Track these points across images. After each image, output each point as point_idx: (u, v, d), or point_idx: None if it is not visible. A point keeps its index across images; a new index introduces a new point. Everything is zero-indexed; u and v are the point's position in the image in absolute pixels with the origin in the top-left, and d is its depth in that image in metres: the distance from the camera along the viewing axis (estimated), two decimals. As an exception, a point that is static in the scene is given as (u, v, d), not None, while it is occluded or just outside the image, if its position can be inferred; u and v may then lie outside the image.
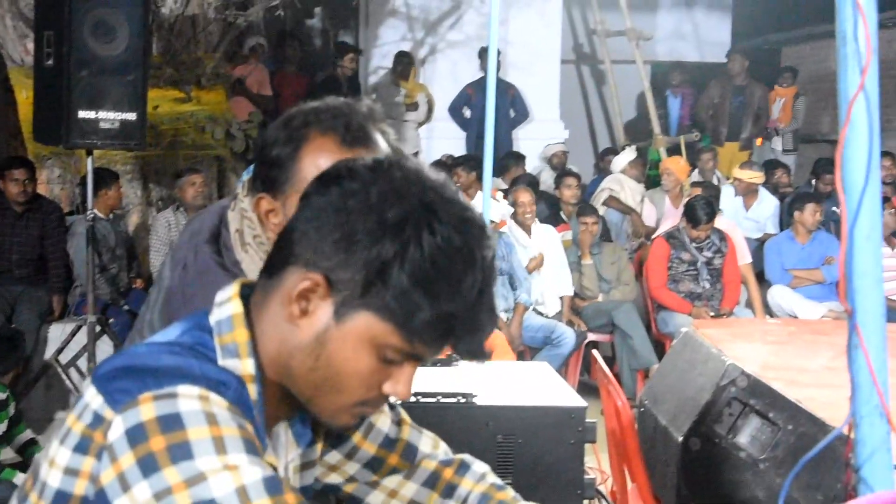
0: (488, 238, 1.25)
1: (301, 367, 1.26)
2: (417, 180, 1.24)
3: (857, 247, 1.66)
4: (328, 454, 1.54)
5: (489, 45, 5.69)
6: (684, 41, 12.74)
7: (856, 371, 1.67)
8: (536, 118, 10.43)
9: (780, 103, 11.53)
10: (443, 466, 1.60)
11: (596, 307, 7.24)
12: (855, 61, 1.62)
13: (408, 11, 10.35)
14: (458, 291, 1.20)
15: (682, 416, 3.42)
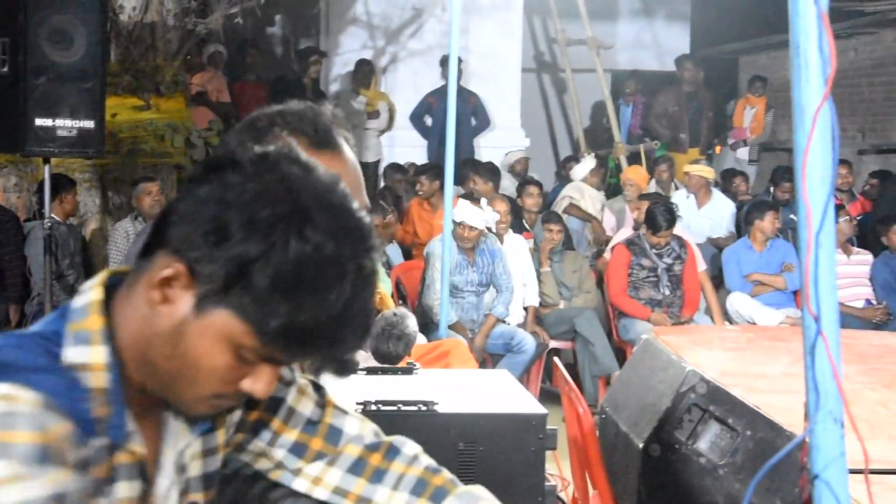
0: (368, 251, 1.22)
1: (158, 355, 1.23)
2: (302, 182, 1.20)
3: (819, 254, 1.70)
4: (250, 443, 1.51)
5: (450, 53, 5.73)
6: (644, 50, 12.83)
7: (815, 377, 1.69)
8: (498, 126, 10.45)
9: (752, 113, 11.60)
10: (369, 451, 1.56)
11: (558, 314, 7.26)
12: (814, 72, 1.65)
13: (369, 20, 10.33)
14: (320, 302, 1.17)
15: (643, 422, 3.43)
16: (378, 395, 2.96)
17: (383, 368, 3.58)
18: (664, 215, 7.13)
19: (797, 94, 1.67)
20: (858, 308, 7.32)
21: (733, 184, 9.72)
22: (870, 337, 5.61)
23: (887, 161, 10.73)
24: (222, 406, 1.29)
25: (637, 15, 12.95)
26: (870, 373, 4.44)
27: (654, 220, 7.13)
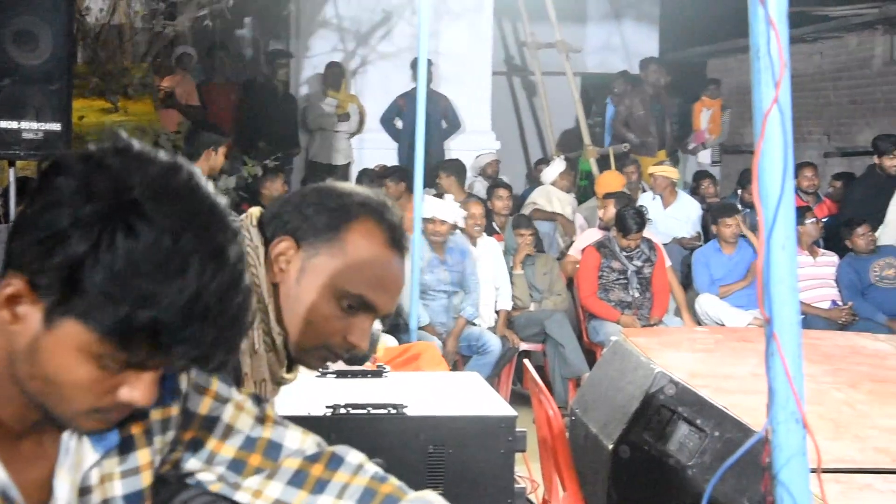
0: (217, 239, 1.15)
1: (23, 375, 1.17)
2: (131, 174, 1.13)
3: (773, 256, 1.69)
4: (188, 461, 1.47)
5: (419, 56, 5.71)
6: (614, 53, 12.86)
7: (773, 378, 1.71)
8: (468, 129, 10.44)
9: (708, 114, 11.69)
10: (310, 462, 1.52)
11: (528, 316, 7.26)
12: (769, 75, 1.66)
13: (339, 22, 10.29)
14: (161, 298, 1.10)
15: (613, 424, 3.43)
16: (348, 398, 2.95)
17: (353, 371, 3.51)
18: (634, 218, 7.16)
19: (757, 97, 1.69)
20: (824, 309, 7.37)
21: (701, 186, 9.78)
22: (835, 338, 5.63)
23: (852, 164, 10.84)
24: (111, 419, 1.22)
25: (606, 18, 12.99)
26: (835, 373, 4.46)
27: (624, 223, 7.16)
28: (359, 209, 1.71)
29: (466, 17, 10.26)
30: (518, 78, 12.74)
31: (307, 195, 1.75)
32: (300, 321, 1.69)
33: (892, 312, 7.14)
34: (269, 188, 7.79)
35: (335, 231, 1.69)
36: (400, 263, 1.71)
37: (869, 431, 3.49)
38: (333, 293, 1.67)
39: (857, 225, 7.42)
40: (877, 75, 11.31)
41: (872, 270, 7.33)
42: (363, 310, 1.69)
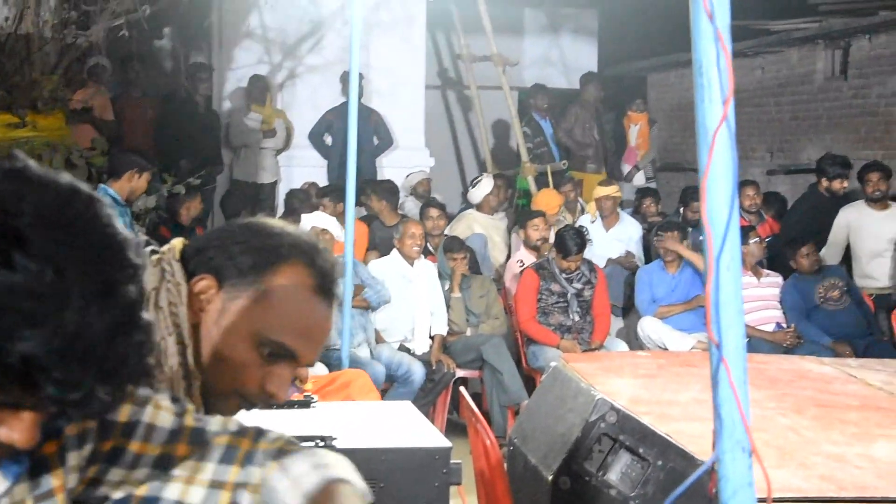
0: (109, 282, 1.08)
1: None
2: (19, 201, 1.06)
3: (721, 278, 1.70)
4: (108, 472, 1.42)
5: (350, 69, 5.66)
6: (551, 67, 12.84)
7: (720, 404, 1.70)
8: (401, 145, 10.28)
9: (636, 130, 11.67)
10: (238, 437, 1.50)
11: (465, 342, 7.11)
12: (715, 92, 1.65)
13: (264, 33, 10.03)
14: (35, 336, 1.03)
15: (552, 453, 3.44)
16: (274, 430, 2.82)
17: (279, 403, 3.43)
18: (574, 239, 7.07)
19: (700, 114, 1.67)
20: (769, 332, 7.30)
21: (643, 204, 9.70)
22: (780, 361, 5.61)
23: (795, 181, 10.85)
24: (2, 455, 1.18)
25: (543, 31, 12.96)
26: (780, 398, 4.44)
27: (564, 245, 7.06)
28: (288, 251, 1.63)
29: (398, 29, 10.11)
30: (453, 92, 12.65)
31: (235, 231, 1.69)
32: (216, 366, 1.64)
33: (837, 335, 7.08)
34: (188, 208, 7.54)
35: (261, 273, 1.62)
36: (327, 311, 1.65)
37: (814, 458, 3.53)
38: (253, 339, 1.61)
39: (801, 245, 7.36)
40: (819, 91, 11.37)
41: (817, 292, 7.27)
42: (284, 358, 1.62)
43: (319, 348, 1.66)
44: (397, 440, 2.96)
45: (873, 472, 3.37)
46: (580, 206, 9.36)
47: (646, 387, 4.65)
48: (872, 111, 10.57)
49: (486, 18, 10.37)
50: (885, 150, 10.26)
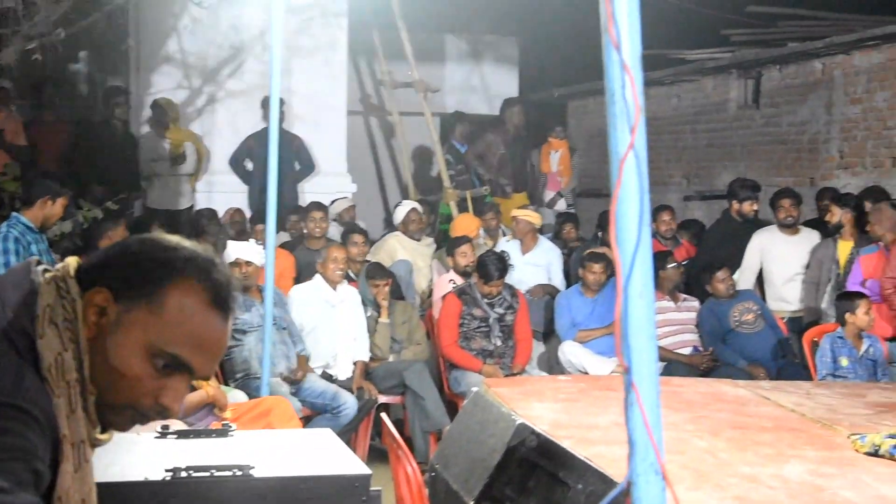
0: None
1: None
2: None
3: (631, 304, 1.69)
4: None
5: (270, 94, 5.62)
6: (472, 93, 12.92)
7: (632, 429, 1.72)
8: (323, 171, 10.22)
9: (557, 157, 11.77)
10: None
11: (386, 368, 7.07)
12: (624, 120, 1.66)
13: (183, 58, 9.91)
14: None
15: (473, 479, 3.41)
16: (189, 460, 2.85)
17: (196, 431, 3.48)
18: (496, 264, 7.09)
19: (613, 141, 1.69)
20: (686, 355, 7.38)
21: (563, 230, 9.79)
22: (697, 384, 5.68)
23: (711, 207, 11.06)
24: None
25: (465, 58, 13.05)
26: (697, 421, 4.50)
27: (486, 270, 7.08)
28: (183, 265, 1.66)
29: (320, 54, 10.07)
30: (375, 118, 12.65)
31: (130, 245, 1.70)
32: (111, 379, 1.64)
33: (751, 357, 7.19)
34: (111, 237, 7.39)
35: (156, 286, 1.64)
36: (222, 324, 1.67)
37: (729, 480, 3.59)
38: (147, 351, 1.62)
39: (717, 269, 7.47)
40: (733, 119, 11.62)
41: (732, 315, 7.38)
42: (178, 371, 1.65)
43: (215, 361, 1.67)
44: (316, 468, 2.91)
45: (785, 493, 3.44)
46: (502, 231, 9.40)
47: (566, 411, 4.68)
48: (783, 139, 10.85)
49: (407, 45, 10.41)
50: (795, 176, 10.53)
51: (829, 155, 10.24)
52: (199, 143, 9.80)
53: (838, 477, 3.64)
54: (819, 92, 10.37)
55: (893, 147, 9.49)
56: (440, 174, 10.61)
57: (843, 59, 10.05)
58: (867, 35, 9.51)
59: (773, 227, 8.02)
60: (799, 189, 8.95)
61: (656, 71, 11.84)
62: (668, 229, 8.97)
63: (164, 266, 1.64)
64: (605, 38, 1.66)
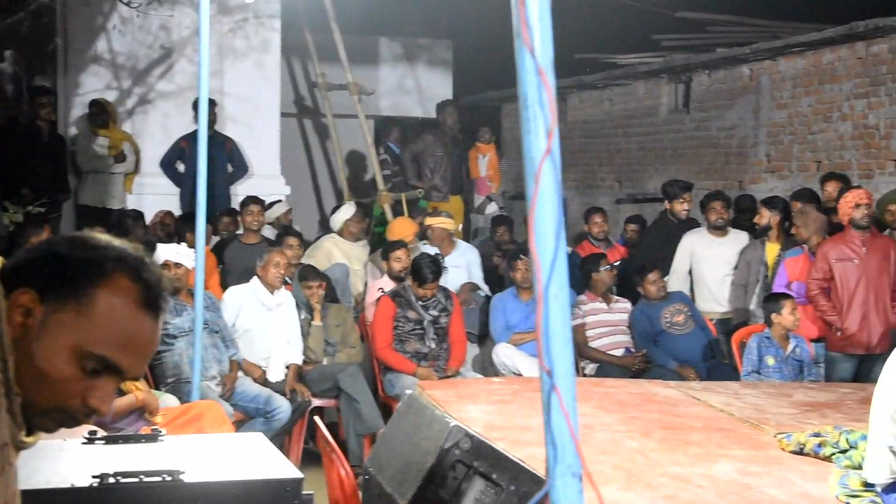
0: None
1: None
2: None
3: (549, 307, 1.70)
4: None
5: (200, 95, 5.57)
6: (407, 96, 12.92)
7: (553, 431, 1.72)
8: (256, 173, 10.14)
9: (485, 161, 11.79)
10: None
11: (320, 371, 7.03)
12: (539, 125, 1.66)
13: (112, 59, 9.75)
14: None
15: (407, 481, 3.40)
16: (118, 465, 2.81)
17: (124, 437, 3.42)
18: (430, 267, 7.09)
19: (527, 146, 1.69)
20: (618, 356, 7.45)
21: (497, 232, 9.83)
22: (629, 385, 5.73)
23: (642, 210, 11.18)
24: None
25: (399, 61, 13.06)
26: (629, 421, 4.55)
27: (420, 273, 7.07)
28: (113, 265, 1.62)
29: (252, 55, 10.00)
30: (309, 120, 12.59)
31: (58, 245, 1.65)
32: (37, 381, 1.59)
33: (682, 358, 7.27)
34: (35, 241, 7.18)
35: (84, 286, 1.60)
36: (153, 325, 1.64)
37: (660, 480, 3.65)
38: (75, 352, 1.59)
39: (648, 272, 7.55)
40: (664, 123, 11.78)
41: (663, 317, 7.47)
42: (107, 372, 1.62)
43: (145, 362, 1.65)
44: (247, 472, 2.90)
45: (714, 492, 3.49)
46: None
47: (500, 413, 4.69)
48: (713, 143, 11.02)
49: (341, 47, 10.38)
50: (724, 180, 10.70)
51: (757, 159, 10.43)
52: (134, 142, 9.68)
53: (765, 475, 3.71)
54: (747, 97, 10.55)
55: (818, 151, 9.70)
56: (375, 177, 10.59)
57: (769, 64, 10.24)
58: (792, 41, 9.70)
59: (703, 230, 8.14)
60: (728, 192, 9.10)
61: (588, 75, 11.96)
62: (601, 231, 9.06)
63: (93, 265, 1.60)
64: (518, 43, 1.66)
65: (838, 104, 9.47)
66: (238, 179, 9.98)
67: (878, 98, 9.04)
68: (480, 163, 11.72)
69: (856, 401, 5.05)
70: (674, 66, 11.22)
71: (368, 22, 11.66)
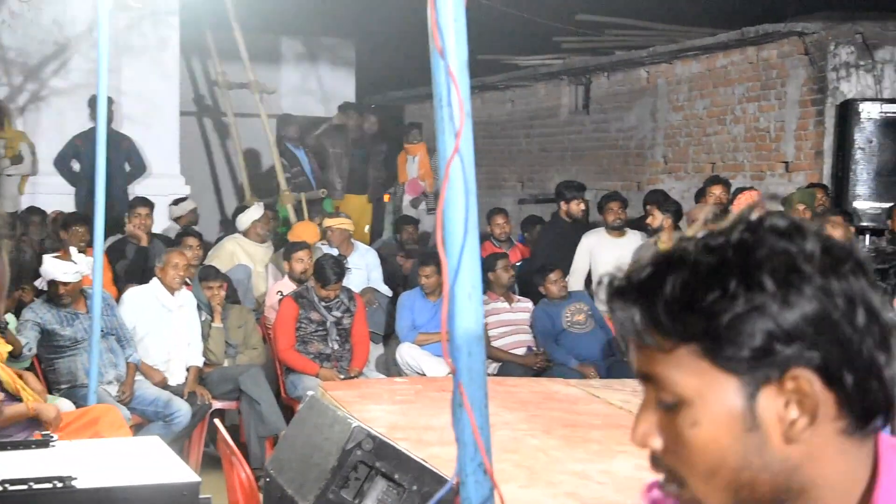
0: None
1: None
2: None
3: (459, 305, 1.70)
4: None
5: (98, 93, 5.51)
6: (309, 96, 12.83)
7: (460, 430, 1.73)
8: (155, 172, 9.94)
9: (416, 161, 11.72)
10: None
11: (221, 373, 6.94)
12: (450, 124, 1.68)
13: (3, 54, 9.48)
14: None
15: (309, 483, 3.40)
16: (6, 472, 2.76)
17: (13, 443, 3.31)
18: (333, 268, 7.05)
19: (441, 145, 1.71)
20: (520, 355, 7.51)
21: (405, 231, 9.82)
22: (531, 384, 5.81)
23: (544, 210, 11.29)
24: None
25: (301, 60, 12.97)
26: (531, 419, 4.61)
27: (323, 274, 7.03)
28: None
29: (150, 53, 9.81)
30: (210, 119, 12.41)
31: None
32: None
33: (583, 357, 7.37)
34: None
35: None
36: None
37: (560, 477, 3.68)
38: None
39: (550, 271, 7.63)
40: (564, 124, 11.92)
41: (564, 316, 7.56)
42: None
43: None
44: (142, 477, 2.85)
45: (613, 487, 3.55)
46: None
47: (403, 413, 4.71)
48: (612, 144, 11.20)
49: (242, 45, 10.26)
50: (623, 180, 10.89)
51: (655, 160, 10.63)
52: (31, 142, 9.41)
53: (662, 470, 3.76)
54: (644, 99, 10.75)
55: (713, 153, 9.93)
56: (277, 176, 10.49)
57: (665, 67, 10.45)
58: (687, 46, 9.92)
59: (601, 230, 8.26)
60: (626, 193, 9.26)
61: (491, 76, 12.04)
62: (503, 232, 9.13)
63: None
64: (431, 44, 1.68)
65: (731, 107, 9.71)
66: (136, 178, 9.78)
67: (769, 101, 9.31)
68: (410, 165, 11.61)
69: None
70: (574, 68, 11.37)
71: (270, 20, 11.56)
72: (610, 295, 1.09)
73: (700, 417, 1.04)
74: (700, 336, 1.01)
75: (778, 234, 1.03)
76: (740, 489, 1.05)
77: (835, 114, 8.59)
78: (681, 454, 1.07)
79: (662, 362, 1.05)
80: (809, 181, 8.65)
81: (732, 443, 1.03)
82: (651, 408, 1.09)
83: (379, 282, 8.58)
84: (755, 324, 0.99)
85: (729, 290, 1.00)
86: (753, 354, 1.00)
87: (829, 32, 8.64)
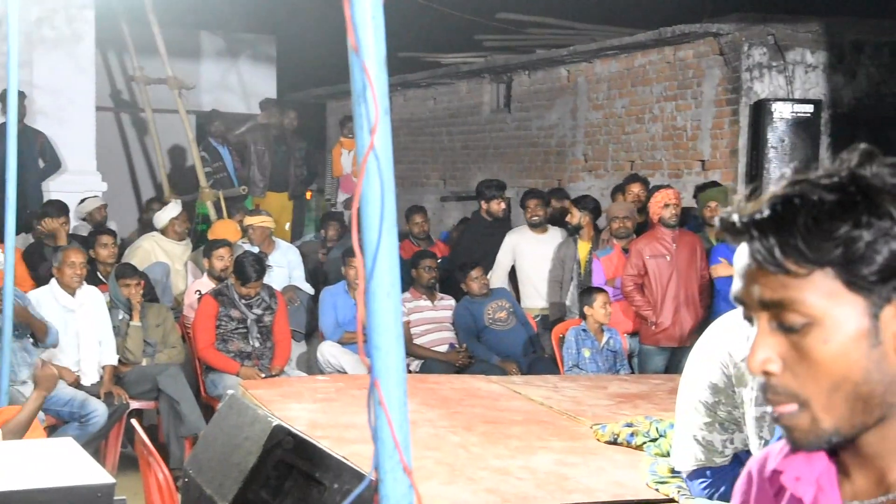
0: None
1: None
2: None
3: (377, 303, 1.69)
4: None
5: (8, 87, 5.40)
6: (229, 92, 12.71)
7: (378, 427, 1.73)
8: (70, 168, 9.72)
9: (351, 155, 11.59)
10: None
11: (139, 372, 6.83)
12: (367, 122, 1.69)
13: None
14: None
15: (228, 482, 3.37)
16: None
17: None
18: (253, 266, 6.99)
19: (360, 142, 1.71)
20: (442, 352, 7.52)
21: (329, 228, 9.77)
22: (452, 381, 5.82)
23: (466, 208, 11.34)
24: None
25: (221, 56, 12.82)
26: (452, 416, 4.63)
27: (243, 271, 6.96)
28: None
29: (65, 46, 9.58)
30: (127, 114, 12.20)
31: None
32: None
33: (504, 353, 7.41)
34: None
35: None
36: None
37: (481, 473, 3.69)
38: None
39: (471, 268, 7.66)
40: (486, 122, 11.98)
41: (486, 313, 7.60)
42: None
43: None
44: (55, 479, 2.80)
45: (533, 483, 3.58)
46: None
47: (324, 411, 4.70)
48: (533, 142, 11.28)
49: (160, 40, 10.11)
50: (544, 178, 10.98)
51: (575, 158, 10.74)
52: None
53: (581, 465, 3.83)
54: (565, 98, 10.85)
55: (632, 151, 10.06)
56: (197, 173, 10.36)
57: (585, 66, 10.56)
58: (606, 45, 10.03)
59: (524, 227, 8.32)
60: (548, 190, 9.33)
61: (413, 74, 12.04)
62: (421, 230, 9.14)
63: None
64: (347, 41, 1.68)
65: (650, 106, 9.85)
66: (50, 175, 9.56)
67: (686, 101, 9.46)
68: (345, 159, 11.48)
69: (665, 391, 5.28)
70: (495, 66, 11.43)
71: (189, 15, 11.41)
72: (743, 227, 1.18)
73: (830, 335, 1.14)
74: (836, 261, 1.13)
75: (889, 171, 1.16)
76: (856, 402, 1.16)
77: (749, 113, 8.77)
78: (807, 372, 1.16)
79: (795, 287, 1.15)
80: (725, 179, 8.82)
81: (859, 357, 1.14)
82: (768, 335, 1.18)
83: (301, 280, 8.54)
84: (885, 247, 1.12)
85: (861, 221, 1.12)
86: (882, 275, 1.13)
87: (743, 34, 8.82)
